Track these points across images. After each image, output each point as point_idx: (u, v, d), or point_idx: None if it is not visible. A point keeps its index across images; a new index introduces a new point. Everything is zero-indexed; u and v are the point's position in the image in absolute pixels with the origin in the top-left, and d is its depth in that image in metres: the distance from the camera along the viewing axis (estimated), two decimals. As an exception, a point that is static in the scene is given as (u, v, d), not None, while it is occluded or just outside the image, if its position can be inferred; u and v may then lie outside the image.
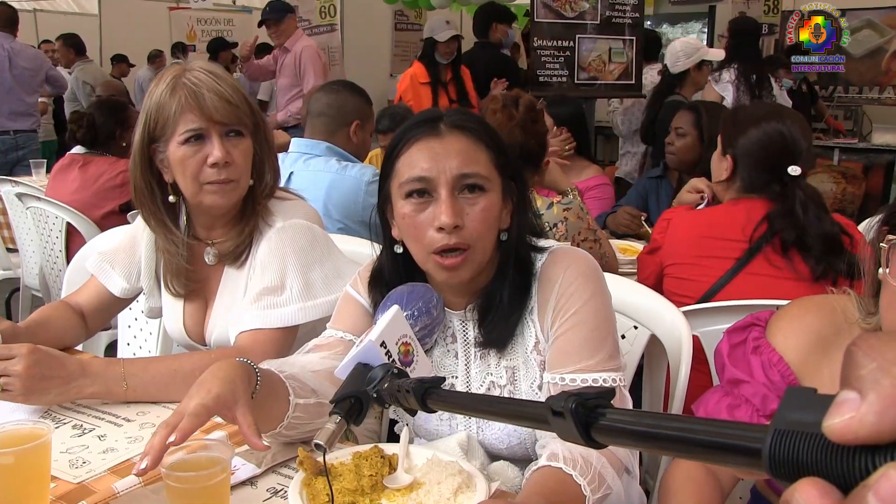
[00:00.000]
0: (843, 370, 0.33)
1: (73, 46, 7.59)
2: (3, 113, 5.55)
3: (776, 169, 1.85)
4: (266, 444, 0.96)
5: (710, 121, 2.79)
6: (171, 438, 0.91)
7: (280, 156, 2.10)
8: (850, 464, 0.32)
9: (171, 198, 1.49)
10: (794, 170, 1.82)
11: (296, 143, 2.63)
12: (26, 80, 5.70)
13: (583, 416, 0.52)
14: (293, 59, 5.38)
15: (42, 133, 6.62)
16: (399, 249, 1.23)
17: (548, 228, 2.08)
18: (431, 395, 0.74)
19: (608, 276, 1.29)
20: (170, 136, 1.42)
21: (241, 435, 0.96)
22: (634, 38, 5.07)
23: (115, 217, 3.13)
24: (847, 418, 0.31)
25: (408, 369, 0.94)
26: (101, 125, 3.20)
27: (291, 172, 2.51)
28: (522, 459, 1.25)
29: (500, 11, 5.44)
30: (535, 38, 5.02)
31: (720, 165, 1.98)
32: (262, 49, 6.32)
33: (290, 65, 5.40)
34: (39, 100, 6.23)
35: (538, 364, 1.22)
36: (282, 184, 1.66)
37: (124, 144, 3.25)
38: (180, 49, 9.03)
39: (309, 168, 2.52)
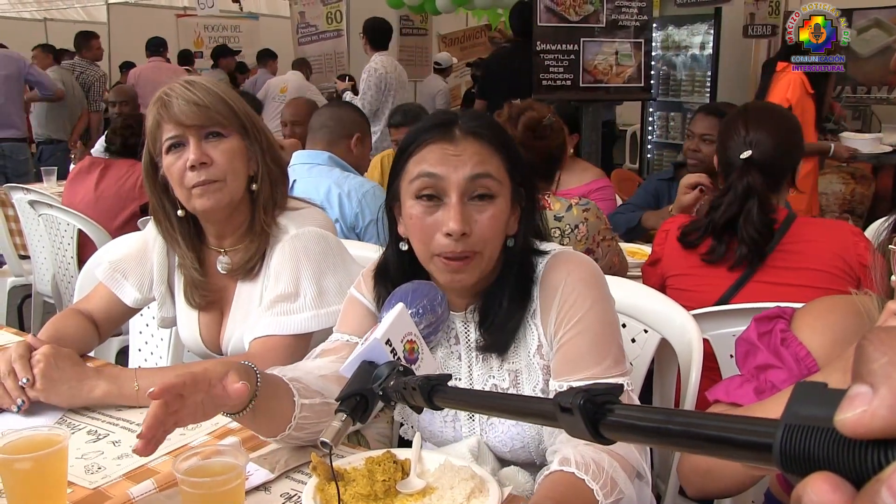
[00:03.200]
0: (854, 364, 0.33)
1: (51, 53, 7.32)
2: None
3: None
4: (273, 444, 0.96)
5: None
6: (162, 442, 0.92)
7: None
8: (862, 458, 0.32)
9: (179, 212, 1.51)
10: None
11: (297, 156, 2.73)
12: (4, 85, 5.50)
13: (591, 411, 0.51)
14: None
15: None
16: (405, 247, 1.23)
17: (569, 230, 2.05)
18: (438, 392, 0.74)
19: (618, 280, 1.28)
20: (160, 150, 1.47)
21: (223, 386, 0.94)
22: (643, 40, 5.06)
23: (136, 220, 3.18)
24: (859, 412, 0.32)
25: (413, 367, 0.94)
26: (136, 140, 3.25)
27: (294, 180, 2.57)
28: (526, 464, 1.25)
29: None
30: (538, 43, 5.00)
31: None
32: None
33: None
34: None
35: (541, 368, 1.22)
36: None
37: None
38: (186, 56, 9.09)
39: (311, 175, 2.59)
